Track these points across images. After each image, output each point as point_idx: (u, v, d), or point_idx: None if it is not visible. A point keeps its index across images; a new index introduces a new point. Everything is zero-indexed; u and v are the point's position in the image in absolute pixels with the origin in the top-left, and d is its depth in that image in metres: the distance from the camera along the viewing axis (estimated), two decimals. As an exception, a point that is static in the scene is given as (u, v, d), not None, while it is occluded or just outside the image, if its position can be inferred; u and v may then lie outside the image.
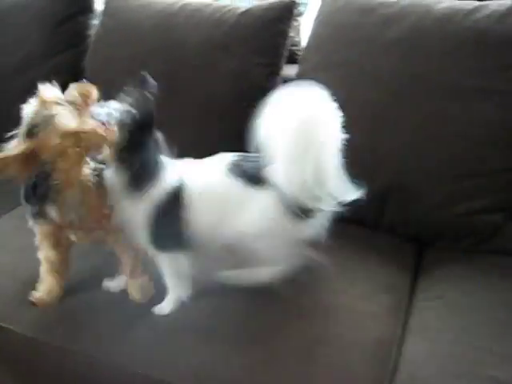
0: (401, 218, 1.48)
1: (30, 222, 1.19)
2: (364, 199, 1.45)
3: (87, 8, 1.93)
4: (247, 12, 1.65)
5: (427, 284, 1.34)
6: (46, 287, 1.23)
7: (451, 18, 1.43)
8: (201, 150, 1.25)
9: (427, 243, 1.49)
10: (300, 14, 1.99)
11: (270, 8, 1.65)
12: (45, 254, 1.21)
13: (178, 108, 1.66)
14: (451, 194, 1.41)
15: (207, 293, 1.24)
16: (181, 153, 1.27)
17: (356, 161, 1.45)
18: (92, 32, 1.92)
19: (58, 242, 1.20)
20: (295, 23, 1.87)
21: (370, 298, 1.27)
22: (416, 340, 1.15)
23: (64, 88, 1.87)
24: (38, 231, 1.20)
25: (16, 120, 1.44)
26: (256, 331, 1.17)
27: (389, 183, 1.46)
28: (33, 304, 1.22)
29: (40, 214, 1.13)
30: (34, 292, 1.23)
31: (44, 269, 1.23)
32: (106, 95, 1.81)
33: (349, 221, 1.46)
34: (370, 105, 1.47)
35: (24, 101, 1.88)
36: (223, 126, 1.63)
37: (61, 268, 1.23)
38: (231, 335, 1.16)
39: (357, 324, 1.19)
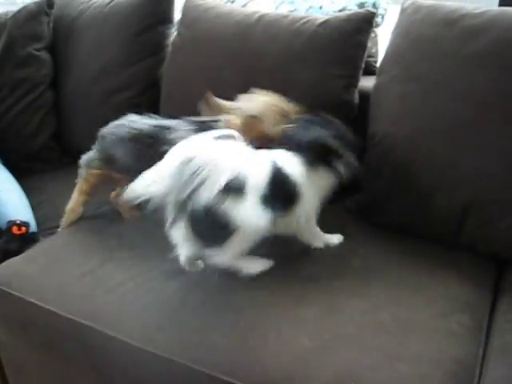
0: (481, 236, 1.44)
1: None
2: (443, 215, 1.44)
3: (166, 18, 1.97)
4: (325, 23, 1.64)
5: (508, 305, 1.29)
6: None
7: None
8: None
9: (508, 262, 1.45)
10: (377, 25, 1.97)
11: (348, 19, 1.64)
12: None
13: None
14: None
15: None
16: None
17: (436, 175, 1.44)
18: (170, 41, 1.96)
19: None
20: (372, 34, 1.85)
21: (449, 316, 1.23)
22: (499, 364, 1.11)
23: (141, 95, 1.94)
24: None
25: (96, 122, 1.51)
26: (331, 343, 1.15)
27: (469, 199, 1.42)
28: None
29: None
30: None
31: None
32: (182, 104, 1.86)
33: (426, 237, 1.44)
34: (450, 119, 1.43)
35: (104, 105, 1.96)
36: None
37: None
38: (305, 346, 1.16)
39: (436, 342, 1.16)
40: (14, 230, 1.57)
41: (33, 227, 1.66)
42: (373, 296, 1.26)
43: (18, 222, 1.58)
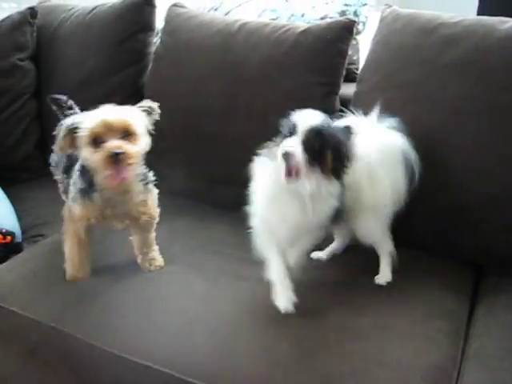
0: (460, 242, 1.46)
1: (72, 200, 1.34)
2: (422, 221, 1.45)
3: (148, 26, 1.97)
4: (306, 31, 1.66)
5: (486, 310, 1.31)
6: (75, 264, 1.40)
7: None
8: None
9: (486, 269, 1.47)
10: (358, 32, 1.99)
11: (329, 27, 1.65)
12: (75, 233, 1.38)
13: (237, 126, 1.69)
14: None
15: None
16: (239, 170, 1.30)
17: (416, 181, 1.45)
18: (152, 50, 1.97)
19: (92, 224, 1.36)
20: (353, 41, 1.87)
21: (428, 322, 1.25)
22: (475, 368, 1.13)
23: (125, 104, 1.94)
24: (78, 210, 1.33)
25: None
26: (312, 349, 1.17)
27: (448, 206, 1.44)
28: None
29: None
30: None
31: (72, 247, 1.39)
32: (165, 112, 1.87)
33: (408, 243, 1.46)
34: (429, 126, 1.46)
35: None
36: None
37: (87, 246, 1.40)
38: (285, 352, 1.17)
39: (415, 348, 1.17)
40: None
41: (18, 237, 1.65)
42: (352, 302, 1.27)
43: (3, 230, 1.56)
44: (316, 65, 1.64)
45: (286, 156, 1.14)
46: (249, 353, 1.17)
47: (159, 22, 2.00)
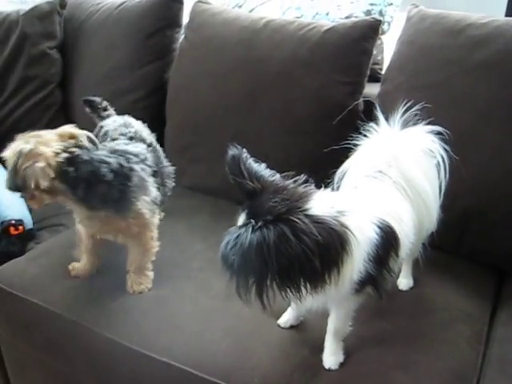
0: (481, 245, 1.44)
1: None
2: (444, 224, 1.43)
3: (175, 22, 1.97)
4: (331, 30, 1.65)
5: (508, 316, 1.30)
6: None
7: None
8: (280, 166, 1.26)
9: (508, 273, 1.45)
10: (383, 32, 1.98)
11: (354, 26, 1.64)
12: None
13: (259, 124, 1.69)
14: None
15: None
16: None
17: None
18: (177, 45, 1.97)
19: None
20: (378, 41, 1.86)
21: (448, 326, 1.24)
22: (496, 374, 1.12)
23: (148, 98, 1.94)
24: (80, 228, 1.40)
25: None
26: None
27: (470, 208, 1.43)
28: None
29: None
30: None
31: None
32: (187, 108, 1.87)
33: (429, 246, 1.44)
34: (453, 128, 1.43)
35: (112, 106, 1.98)
36: (303, 142, 1.63)
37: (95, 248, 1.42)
38: (304, 355, 1.17)
39: (435, 352, 1.16)
40: (12, 230, 1.55)
41: (28, 224, 1.65)
42: (373, 308, 1.26)
43: (12, 221, 1.55)
44: (340, 64, 1.63)
45: None
46: (267, 353, 1.17)
47: (185, 18, 2.00)
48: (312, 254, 0.90)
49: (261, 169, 1.01)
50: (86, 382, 1.39)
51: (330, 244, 0.93)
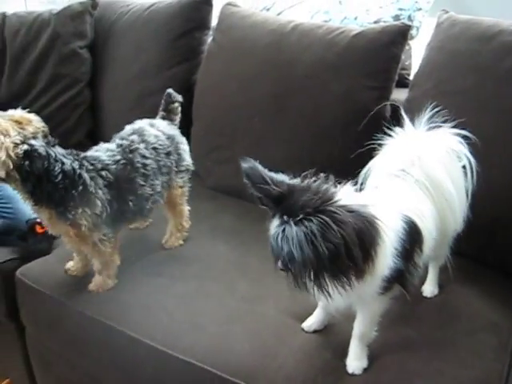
0: (509, 255, 1.42)
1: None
2: (471, 231, 1.42)
3: (204, 24, 1.99)
4: (360, 34, 1.65)
5: (534, 326, 1.28)
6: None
7: None
8: (306, 169, 1.26)
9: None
10: (412, 37, 1.96)
11: (383, 31, 1.64)
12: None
13: (286, 127, 1.70)
14: None
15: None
16: (286, 171, 1.29)
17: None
18: (205, 47, 1.98)
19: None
20: (406, 46, 1.85)
21: (473, 335, 1.23)
22: (521, 385, 1.11)
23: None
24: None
25: (130, 124, 1.53)
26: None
27: (498, 216, 1.41)
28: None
29: None
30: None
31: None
32: (214, 110, 1.88)
33: (454, 253, 1.43)
34: (481, 134, 1.42)
35: (138, 107, 1.99)
36: (329, 146, 1.63)
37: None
38: (327, 359, 1.17)
39: (458, 360, 1.16)
40: (38, 229, 1.56)
41: None
42: (397, 313, 1.25)
43: (38, 220, 1.54)
44: (368, 68, 1.62)
45: None
46: (291, 356, 1.17)
47: (213, 20, 2.01)
48: (351, 242, 0.92)
49: (278, 175, 1.02)
50: (109, 380, 1.41)
51: (365, 231, 0.95)
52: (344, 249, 0.91)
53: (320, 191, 0.97)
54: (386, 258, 1.01)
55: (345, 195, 0.99)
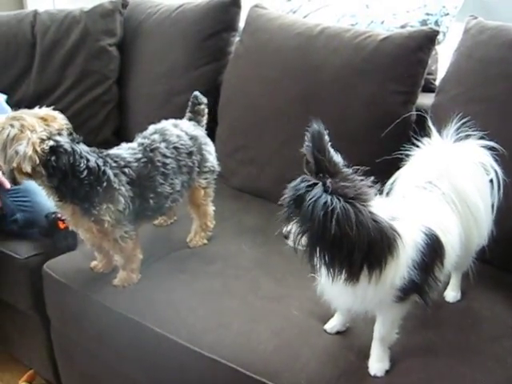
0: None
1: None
2: (494, 239, 1.42)
3: (232, 26, 2.02)
4: (387, 39, 1.65)
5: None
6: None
7: None
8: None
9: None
10: (438, 43, 1.96)
11: (410, 36, 1.64)
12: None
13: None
14: None
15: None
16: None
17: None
18: (232, 49, 2.01)
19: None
20: (433, 52, 1.85)
21: (496, 340, 1.23)
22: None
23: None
24: None
25: (156, 122, 1.55)
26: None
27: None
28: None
29: None
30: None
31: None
32: (240, 111, 1.90)
33: (477, 259, 1.43)
34: (508, 144, 1.42)
35: (165, 106, 2.01)
36: (355, 150, 1.61)
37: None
38: (350, 361, 1.18)
39: (482, 366, 1.16)
40: (60, 224, 1.57)
41: None
42: (419, 315, 1.26)
43: (58, 215, 1.54)
44: (395, 73, 1.63)
45: None
46: (314, 356, 1.19)
47: (240, 22, 2.03)
48: (358, 245, 0.94)
49: (336, 154, 1.06)
50: (133, 375, 1.43)
51: (378, 243, 0.97)
52: (348, 245, 0.94)
53: (360, 189, 1.00)
54: (398, 270, 1.03)
55: (378, 203, 1.01)
